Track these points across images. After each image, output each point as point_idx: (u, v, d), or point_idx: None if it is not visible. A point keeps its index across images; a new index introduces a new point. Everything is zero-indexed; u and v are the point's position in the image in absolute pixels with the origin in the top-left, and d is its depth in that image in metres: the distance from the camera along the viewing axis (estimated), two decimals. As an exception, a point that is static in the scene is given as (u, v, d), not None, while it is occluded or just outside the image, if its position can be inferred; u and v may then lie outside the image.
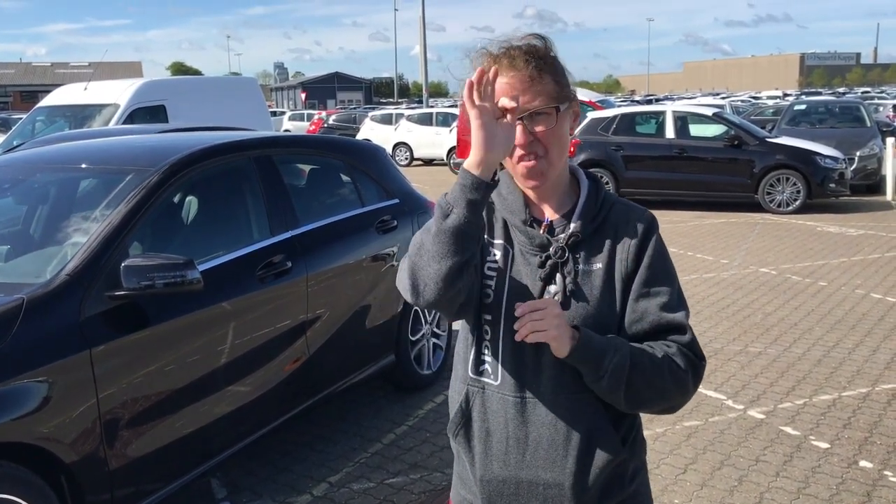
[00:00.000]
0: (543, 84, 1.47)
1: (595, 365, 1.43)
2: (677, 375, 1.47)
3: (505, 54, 1.49)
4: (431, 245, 1.39)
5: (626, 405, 1.48)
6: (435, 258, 1.38)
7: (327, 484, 3.76)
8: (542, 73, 1.47)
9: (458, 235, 1.37)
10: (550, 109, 1.47)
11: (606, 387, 1.44)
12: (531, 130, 1.47)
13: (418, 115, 24.28)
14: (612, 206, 1.56)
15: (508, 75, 1.46)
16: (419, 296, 1.42)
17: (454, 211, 1.37)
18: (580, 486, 1.50)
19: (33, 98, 36.88)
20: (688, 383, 1.50)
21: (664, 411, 1.54)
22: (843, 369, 5.12)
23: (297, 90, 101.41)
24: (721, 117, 12.74)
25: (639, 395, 1.46)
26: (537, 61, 1.48)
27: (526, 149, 1.47)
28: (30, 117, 11.19)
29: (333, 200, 4.56)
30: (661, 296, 1.50)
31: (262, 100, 12.57)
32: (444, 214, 1.38)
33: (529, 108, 1.46)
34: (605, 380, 1.43)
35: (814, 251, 8.93)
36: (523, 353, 1.51)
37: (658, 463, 3.87)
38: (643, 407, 1.50)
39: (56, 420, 2.62)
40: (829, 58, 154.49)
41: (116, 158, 3.77)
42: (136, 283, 2.82)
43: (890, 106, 23.49)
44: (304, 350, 3.79)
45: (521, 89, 1.46)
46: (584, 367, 1.44)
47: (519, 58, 1.47)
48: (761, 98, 36.61)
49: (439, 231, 1.38)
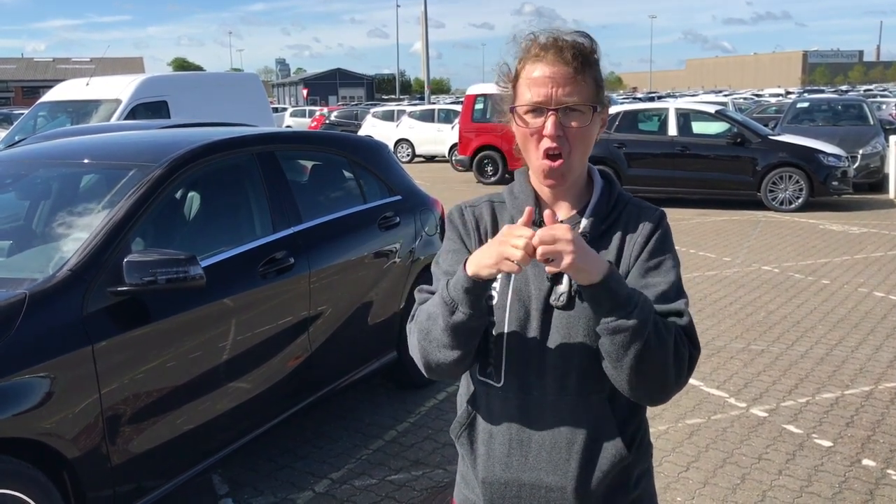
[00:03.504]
0: (585, 82, 1.46)
1: (626, 298, 1.36)
2: (679, 350, 1.41)
3: (553, 45, 1.48)
4: (440, 337, 1.45)
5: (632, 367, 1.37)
6: (444, 348, 1.46)
7: (329, 480, 3.76)
8: (585, 72, 1.47)
9: (464, 330, 1.43)
10: (587, 108, 1.46)
11: (632, 328, 1.34)
12: (564, 125, 1.45)
13: (420, 112, 24.26)
14: (626, 206, 1.54)
15: (553, 66, 1.46)
16: (430, 372, 1.53)
17: (460, 309, 1.41)
18: (583, 490, 1.48)
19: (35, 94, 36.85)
20: (684, 364, 1.42)
21: (653, 394, 1.44)
22: (845, 368, 5.11)
23: (298, 86, 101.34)
24: (724, 115, 12.71)
25: (649, 354, 1.36)
26: (583, 58, 1.47)
27: (554, 141, 1.45)
28: (31, 113, 11.18)
29: (336, 197, 4.55)
30: (658, 286, 1.47)
31: (263, 96, 12.57)
32: (451, 311, 1.42)
33: (567, 103, 1.45)
34: (636, 312, 1.34)
35: (816, 249, 8.92)
36: (528, 354, 1.49)
37: (660, 461, 3.87)
38: (644, 375, 1.39)
39: (58, 416, 2.61)
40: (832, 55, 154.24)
41: (119, 154, 3.76)
42: (139, 278, 2.81)
43: (893, 104, 23.44)
44: (307, 347, 3.79)
45: (562, 82, 1.45)
46: (615, 299, 1.35)
47: (567, 51, 1.46)
48: (764, 96, 36.59)
49: (447, 327, 1.43)
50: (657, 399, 1.47)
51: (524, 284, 1.50)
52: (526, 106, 1.47)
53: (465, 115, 16.91)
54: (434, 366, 1.50)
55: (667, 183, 12.31)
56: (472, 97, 16.77)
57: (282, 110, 38.09)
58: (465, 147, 16.65)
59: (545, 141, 1.46)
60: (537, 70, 1.47)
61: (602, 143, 12.55)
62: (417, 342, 1.50)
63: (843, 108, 15.83)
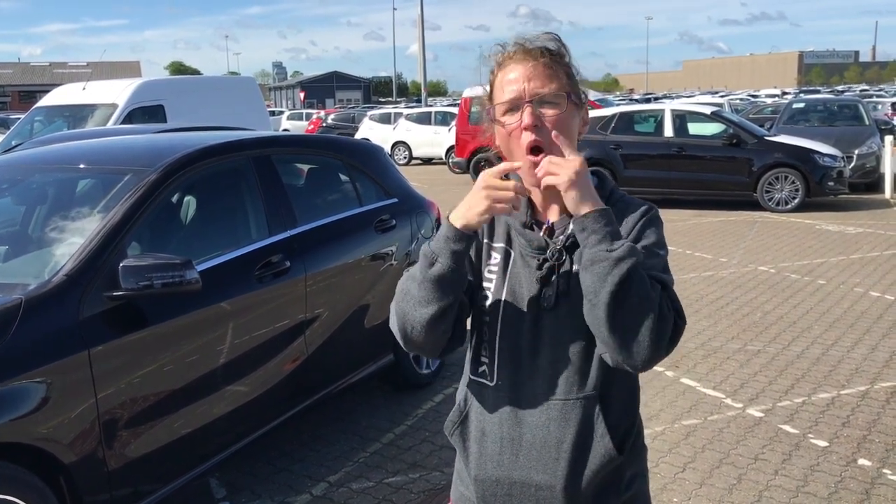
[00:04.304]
0: (556, 75, 1.49)
1: (612, 233, 1.37)
2: (663, 310, 1.37)
3: (520, 47, 1.52)
4: (417, 291, 1.46)
5: (609, 304, 1.33)
6: (421, 303, 1.45)
7: (326, 483, 3.76)
8: (555, 66, 1.50)
9: (442, 282, 1.43)
10: (561, 96, 1.48)
11: (615, 258, 1.33)
12: (538, 114, 1.47)
13: (417, 115, 24.28)
14: (616, 205, 1.53)
15: (521, 64, 1.49)
16: (408, 340, 1.50)
17: (439, 260, 1.43)
18: (572, 489, 1.49)
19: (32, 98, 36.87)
20: (667, 326, 1.37)
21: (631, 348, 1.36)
22: (841, 367, 5.13)
23: (295, 89, 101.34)
24: (720, 116, 12.74)
25: (629, 295, 1.33)
26: (551, 55, 1.50)
27: (533, 132, 1.46)
28: (28, 117, 11.19)
29: (332, 200, 4.56)
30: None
31: (260, 99, 12.57)
32: (430, 263, 1.44)
33: (540, 94, 1.47)
34: (619, 250, 1.34)
35: (812, 249, 8.93)
36: (520, 354, 1.51)
37: (657, 462, 3.87)
38: (622, 321, 1.34)
39: (54, 420, 2.62)
40: (828, 56, 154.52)
41: (115, 158, 3.77)
42: (135, 283, 2.82)
43: (888, 104, 23.51)
44: (303, 350, 3.79)
45: (533, 76, 1.48)
46: (601, 231, 1.36)
47: (534, 50, 1.50)
48: (760, 96, 36.60)
49: (424, 279, 1.44)
50: (635, 356, 1.36)
51: (517, 286, 1.51)
52: (503, 105, 1.50)
53: (461, 118, 16.94)
54: (410, 328, 1.48)
55: (663, 184, 12.33)
56: (469, 99, 16.80)
57: (279, 113, 38.01)
58: (462, 149, 16.67)
59: (525, 135, 1.47)
60: (507, 72, 1.51)
61: (598, 144, 12.58)
62: (396, 305, 1.52)
63: (839, 108, 15.84)
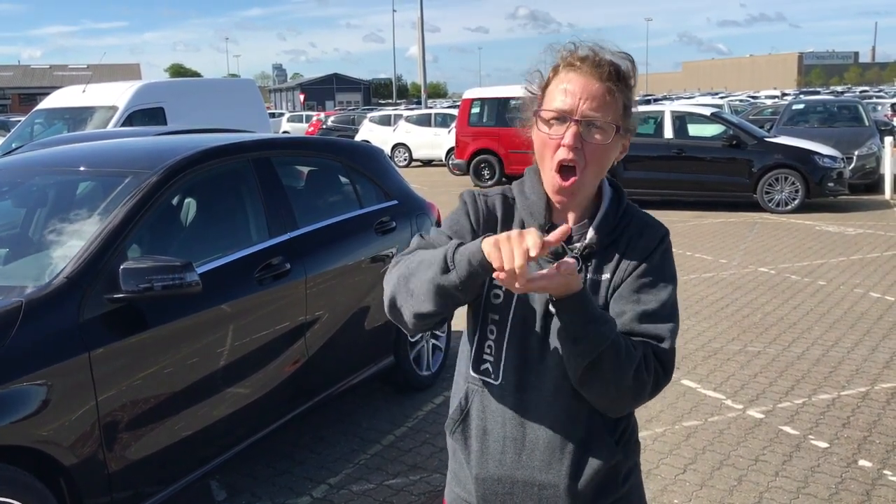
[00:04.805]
0: (614, 102, 1.45)
1: (582, 321, 1.37)
2: (640, 377, 1.41)
3: (592, 57, 1.47)
4: (421, 285, 1.39)
5: (580, 377, 1.41)
6: (419, 298, 1.40)
7: (327, 486, 3.76)
8: (617, 92, 1.45)
9: (447, 293, 1.37)
10: (610, 126, 1.45)
11: (580, 349, 1.37)
12: (584, 138, 1.44)
13: (417, 116, 24.30)
14: (631, 220, 1.53)
15: (586, 78, 1.44)
16: (392, 313, 1.48)
17: (453, 273, 1.35)
18: (575, 488, 1.51)
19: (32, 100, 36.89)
20: (643, 390, 1.43)
21: (606, 404, 1.46)
22: (842, 368, 5.13)
23: (295, 91, 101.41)
24: (719, 117, 12.75)
25: (599, 374, 1.39)
26: (618, 78, 1.46)
27: (570, 152, 1.44)
28: (28, 120, 11.20)
29: (332, 202, 4.56)
30: (648, 304, 1.46)
31: (260, 101, 12.58)
32: (445, 270, 1.36)
33: (591, 117, 1.43)
34: (582, 342, 1.36)
35: (812, 250, 8.94)
36: (529, 355, 1.50)
37: (657, 463, 3.87)
38: (591, 389, 1.42)
39: (55, 423, 2.62)
40: (828, 57, 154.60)
41: (115, 161, 3.77)
42: (135, 285, 2.82)
43: (888, 105, 23.54)
44: (303, 352, 3.79)
45: (591, 96, 1.43)
46: (572, 319, 1.37)
47: (604, 66, 1.45)
48: (760, 97, 36.63)
49: (434, 281, 1.37)
50: (607, 410, 1.49)
51: None
52: (551, 112, 1.46)
53: (461, 119, 16.93)
54: (399, 306, 1.45)
55: (663, 185, 12.34)
56: (469, 101, 16.79)
57: (279, 115, 38.08)
58: (462, 151, 16.66)
59: (561, 151, 1.45)
60: (569, 79, 1.46)
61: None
62: (397, 277, 1.46)
63: (839, 109, 15.86)
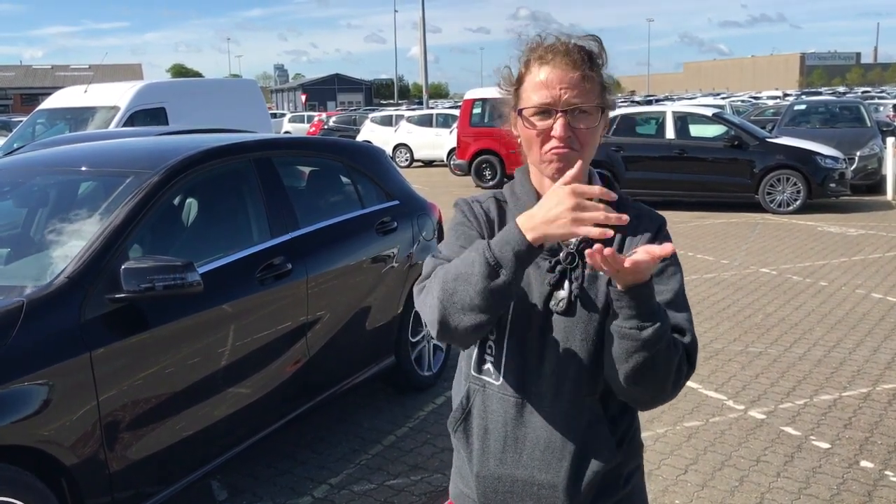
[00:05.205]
0: (593, 84, 1.47)
1: (646, 312, 1.34)
2: (681, 369, 1.43)
3: (561, 46, 1.48)
4: (472, 299, 1.34)
5: (635, 373, 1.38)
6: (475, 311, 1.35)
7: (328, 486, 3.76)
8: (593, 74, 1.47)
9: (503, 295, 1.34)
10: (595, 109, 1.47)
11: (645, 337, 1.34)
12: (573, 126, 1.46)
13: (418, 117, 24.30)
14: (626, 211, 1.52)
15: (561, 68, 1.46)
16: (446, 336, 1.41)
17: (503, 272, 1.31)
18: (574, 488, 1.50)
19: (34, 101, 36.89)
20: (680, 382, 1.45)
21: (647, 399, 1.46)
22: (843, 369, 5.12)
23: (297, 92, 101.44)
24: (721, 118, 12.74)
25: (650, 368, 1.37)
26: (591, 61, 1.48)
27: (564, 142, 1.46)
28: (30, 120, 11.21)
29: (333, 202, 4.56)
30: (664, 294, 1.46)
31: (262, 102, 12.59)
32: (493, 273, 1.32)
33: (576, 104, 1.45)
34: (648, 331, 1.34)
35: (814, 251, 8.93)
36: (527, 355, 1.50)
37: (659, 464, 3.87)
38: (644, 383, 1.40)
39: (56, 423, 2.62)
40: (830, 58, 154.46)
41: (116, 161, 3.77)
42: (136, 285, 2.82)
43: (890, 105, 23.48)
44: (305, 352, 3.79)
45: (571, 84, 1.45)
46: (635, 309, 1.34)
47: (574, 52, 1.47)
48: (761, 98, 36.59)
49: (485, 289, 1.32)
50: (644, 405, 1.52)
51: (526, 286, 1.50)
52: (533, 108, 1.47)
53: (463, 120, 16.93)
54: (453, 327, 1.39)
55: (665, 186, 12.33)
56: (470, 101, 16.79)
57: (280, 116, 38.10)
58: (464, 151, 16.66)
59: (553, 142, 1.46)
60: (544, 72, 1.47)
61: (600, 146, 12.42)
62: (439, 302, 1.38)
63: (841, 110, 15.85)
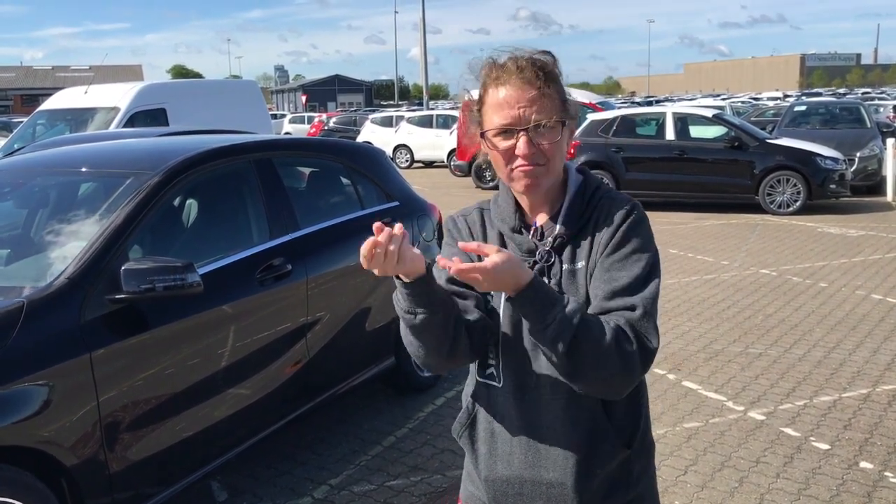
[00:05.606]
0: (550, 98, 1.47)
1: (541, 312, 1.37)
2: (623, 348, 1.38)
3: (513, 64, 1.48)
4: (413, 339, 1.47)
5: (568, 367, 1.39)
6: (421, 348, 1.48)
7: (328, 486, 3.76)
8: (549, 88, 1.47)
9: (429, 326, 1.43)
10: (556, 124, 1.47)
11: (550, 337, 1.36)
12: (535, 143, 1.46)
13: (419, 118, 24.31)
14: (600, 201, 1.54)
15: (516, 87, 1.46)
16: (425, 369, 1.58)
17: (411, 312, 1.42)
18: (582, 486, 1.52)
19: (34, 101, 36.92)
20: (634, 361, 1.40)
21: (606, 389, 1.45)
22: (843, 370, 5.12)
23: (297, 93, 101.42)
24: (721, 119, 12.75)
25: (581, 357, 1.37)
26: (545, 75, 1.48)
27: (529, 160, 1.47)
28: (31, 121, 11.23)
29: (334, 203, 4.56)
30: (619, 280, 1.45)
31: (262, 102, 12.60)
32: (407, 318, 1.43)
33: (536, 121, 1.45)
34: (550, 329, 1.36)
35: (814, 252, 8.93)
36: (522, 356, 1.53)
37: (658, 465, 3.87)
38: (583, 375, 1.40)
39: (56, 423, 2.62)
40: (830, 59, 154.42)
41: (116, 162, 3.78)
42: (137, 286, 2.82)
43: (890, 107, 23.48)
44: (305, 353, 3.79)
45: (528, 102, 1.45)
46: (530, 312, 1.38)
47: (528, 69, 1.47)
48: (762, 99, 36.59)
49: (412, 328, 1.44)
50: (606, 393, 1.48)
51: None
52: (495, 129, 1.48)
53: (463, 121, 16.94)
54: (422, 364, 1.54)
55: (665, 187, 12.34)
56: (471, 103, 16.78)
57: (280, 117, 38.13)
58: (464, 153, 16.67)
59: (518, 160, 1.48)
60: (501, 92, 1.48)
61: (600, 147, 12.60)
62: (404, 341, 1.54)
63: (841, 111, 15.86)
